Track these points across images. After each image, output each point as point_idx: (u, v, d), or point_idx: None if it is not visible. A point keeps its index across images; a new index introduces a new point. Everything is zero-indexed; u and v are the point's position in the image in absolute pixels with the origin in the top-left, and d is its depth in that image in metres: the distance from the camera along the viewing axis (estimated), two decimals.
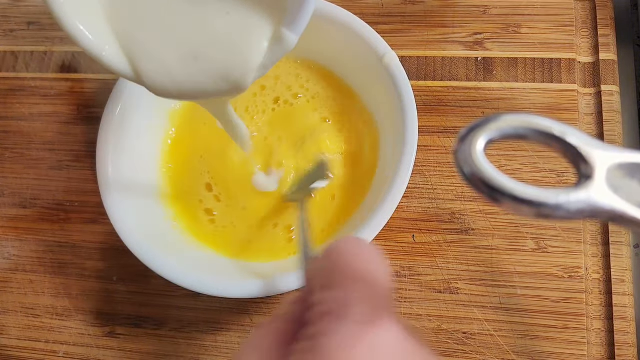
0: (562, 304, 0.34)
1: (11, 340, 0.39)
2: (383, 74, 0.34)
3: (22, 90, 0.44)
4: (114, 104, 0.35)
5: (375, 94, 0.36)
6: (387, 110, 0.34)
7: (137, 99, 0.36)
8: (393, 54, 0.34)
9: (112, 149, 0.35)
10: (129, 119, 0.36)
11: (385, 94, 0.34)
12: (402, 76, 0.33)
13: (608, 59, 0.39)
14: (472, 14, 0.41)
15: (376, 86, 0.35)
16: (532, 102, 0.38)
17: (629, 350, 0.33)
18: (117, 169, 0.34)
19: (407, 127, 0.32)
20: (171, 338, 0.37)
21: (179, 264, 0.32)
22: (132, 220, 0.33)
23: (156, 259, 0.32)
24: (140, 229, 0.33)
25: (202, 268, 0.33)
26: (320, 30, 0.35)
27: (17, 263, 0.40)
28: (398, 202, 0.31)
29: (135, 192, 0.35)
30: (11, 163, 0.42)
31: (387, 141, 0.35)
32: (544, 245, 0.35)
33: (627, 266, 0.35)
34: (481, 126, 0.20)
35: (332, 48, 0.37)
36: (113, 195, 0.34)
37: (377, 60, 0.34)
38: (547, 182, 0.37)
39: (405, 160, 0.32)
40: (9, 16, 0.47)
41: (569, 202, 0.19)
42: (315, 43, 0.36)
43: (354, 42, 0.35)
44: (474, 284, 0.35)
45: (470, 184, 0.20)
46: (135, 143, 0.36)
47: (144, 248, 0.32)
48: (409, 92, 0.33)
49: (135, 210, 0.34)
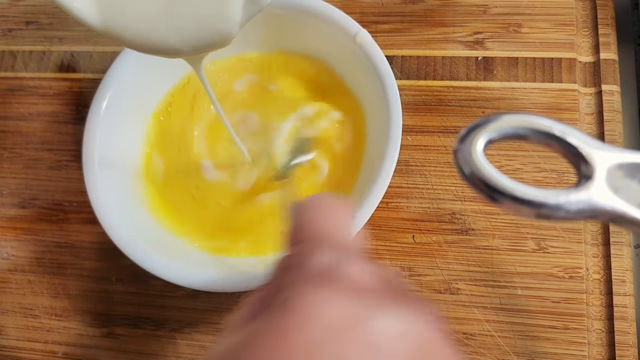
0: (563, 304, 0.34)
1: (10, 340, 0.39)
2: (358, 52, 0.35)
3: (21, 90, 0.44)
4: (100, 99, 0.36)
5: (356, 74, 0.36)
6: (369, 89, 0.35)
7: (124, 93, 0.36)
8: (365, 32, 0.35)
9: (97, 144, 0.35)
10: (115, 114, 0.36)
11: (365, 73, 0.35)
12: (376, 52, 0.34)
13: (609, 58, 0.39)
14: (473, 13, 0.41)
15: (355, 66, 0.36)
16: (532, 102, 0.38)
17: (629, 351, 0.33)
18: (103, 160, 0.35)
19: (390, 102, 0.33)
20: (170, 339, 0.37)
21: (170, 262, 0.33)
22: (119, 219, 0.34)
23: (146, 257, 0.32)
24: (131, 232, 0.34)
25: (188, 262, 0.34)
26: (295, 22, 0.37)
27: (16, 263, 0.40)
28: (389, 180, 0.32)
29: (120, 185, 0.36)
30: (10, 163, 0.42)
31: (373, 120, 0.36)
32: (545, 245, 0.35)
33: (627, 266, 0.35)
34: (481, 126, 0.20)
35: (310, 36, 0.37)
36: (98, 185, 0.34)
37: (350, 40, 0.35)
38: (548, 182, 0.37)
39: (393, 134, 0.32)
40: (8, 15, 0.46)
41: (569, 203, 0.19)
42: (294, 35, 0.38)
43: (327, 27, 0.36)
44: (474, 284, 0.35)
45: (470, 184, 0.20)
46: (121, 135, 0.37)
47: (131, 244, 0.33)
48: (385, 67, 0.34)
49: (120, 206, 0.35)
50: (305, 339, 0.15)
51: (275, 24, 0.37)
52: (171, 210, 0.37)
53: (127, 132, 0.37)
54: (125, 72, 0.36)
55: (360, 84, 0.37)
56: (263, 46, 0.39)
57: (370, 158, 0.35)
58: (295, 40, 0.38)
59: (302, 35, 0.38)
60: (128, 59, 0.36)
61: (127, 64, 0.36)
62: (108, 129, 0.36)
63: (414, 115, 0.39)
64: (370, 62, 0.34)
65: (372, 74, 0.34)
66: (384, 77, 0.34)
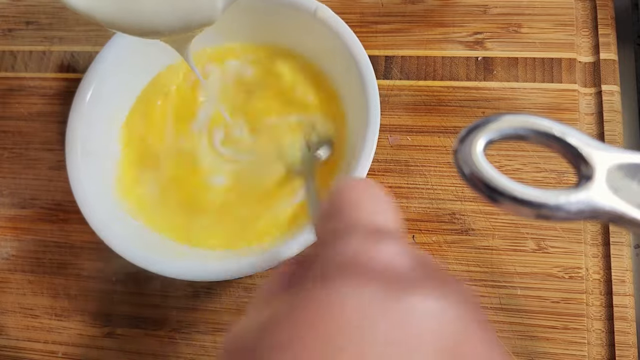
0: (562, 304, 0.34)
1: (10, 340, 0.39)
2: (322, 29, 0.35)
3: (21, 90, 0.44)
4: (84, 90, 0.36)
5: (326, 53, 0.36)
6: (342, 67, 0.35)
7: (106, 84, 0.37)
8: (324, 6, 0.35)
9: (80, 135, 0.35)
10: (99, 106, 0.37)
11: (332, 48, 0.35)
12: (339, 24, 0.34)
13: (608, 58, 0.39)
14: (472, 13, 0.41)
15: (321, 43, 0.36)
16: (532, 102, 0.38)
17: (629, 351, 0.33)
18: (86, 151, 0.35)
19: (362, 70, 0.33)
20: (170, 339, 0.37)
21: (141, 248, 0.33)
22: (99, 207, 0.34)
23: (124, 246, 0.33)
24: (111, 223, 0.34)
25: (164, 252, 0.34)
26: (258, 12, 0.37)
27: (16, 263, 0.40)
28: (372, 156, 0.32)
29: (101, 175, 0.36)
30: (10, 163, 0.42)
31: (350, 100, 0.36)
32: (544, 245, 0.35)
33: (627, 267, 0.35)
34: (481, 127, 0.20)
35: (276, 24, 0.37)
36: (81, 175, 0.34)
37: (312, 17, 0.35)
38: (548, 182, 0.37)
39: (372, 105, 0.32)
40: (8, 15, 0.46)
41: (569, 203, 0.19)
42: (264, 27, 0.38)
43: (286, 10, 0.36)
44: (474, 284, 0.35)
45: (470, 184, 0.20)
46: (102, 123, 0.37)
47: (109, 232, 0.33)
48: (352, 37, 0.34)
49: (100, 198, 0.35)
50: (329, 329, 0.15)
51: (256, 15, 0.37)
52: (145, 200, 0.37)
53: (110, 123, 0.38)
54: (109, 64, 0.36)
55: (333, 64, 0.37)
56: (247, 38, 0.39)
57: (351, 139, 0.35)
58: (269, 30, 0.38)
59: (275, 25, 0.38)
60: (112, 50, 0.37)
61: (111, 55, 0.37)
62: (90, 119, 0.36)
63: (414, 115, 0.39)
64: (335, 34, 0.34)
65: (339, 47, 0.34)
66: (350, 46, 0.33)
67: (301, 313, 0.15)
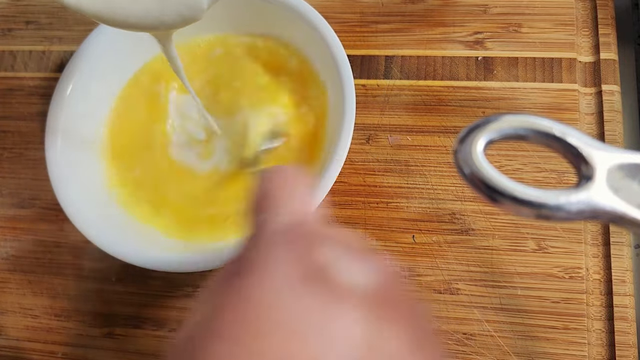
0: (563, 304, 0.34)
1: (9, 340, 0.39)
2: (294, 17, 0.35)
3: (21, 89, 0.44)
4: (64, 84, 0.36)
5: (301, 35, 0.37)
6: (319, 52, 0.35)
7: (89, 75, 0.37)
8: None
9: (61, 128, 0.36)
10: (80, 96, 0.37)
11: (302, 28, 0.35)
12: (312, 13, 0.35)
13: (609, 58, 0.39)
14: (473, 13, 0.41)
15: (293, 26, 0.36)
16: (532, 102, 0.38)
17: (629, 351, 0.33)
18: (65, 146, 0.36)
19: (336, 57, 0.34)
20: (170, 339, 0.37)
21: (125, 240, 0.34)
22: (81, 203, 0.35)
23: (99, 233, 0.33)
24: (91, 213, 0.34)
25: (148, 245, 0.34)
26: (238, 3, 0.37)
27: (15, 263, 0.40)
28: (347, 147, 0.32)
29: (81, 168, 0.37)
30: (9, 163, 0.42)
31: (328, 81, 0.36)
32: (545, 245, 0.35)
33: (627, 267, 0.34)
34: (481, 127, 0.20)
35: (251, 13, 0.38)
36: (61, 173, 0.35)
37: None
38: (548, 182, 0.37)
39: (347, 90, 0.33)
40: (7, 15, 0.46)
41: (569, 203, 0.19)
42: (242, 18, 0.38)
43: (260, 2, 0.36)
44: (474, 284, 0.35)
45: (470, 184, 0.20)
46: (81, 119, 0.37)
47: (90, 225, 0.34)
48: (317, 17, 0.34)
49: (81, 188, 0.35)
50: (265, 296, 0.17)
51: (235, 7, 0.38)
52: (132, 191, 0.37)
53: (92, 114, 0.38)
54: (92, 53, 0.37)
55: (310, 49, 0.37)
56: (224, 29, 0.39)
57: (331, 125, 0.35)
58: (253, 21, 0.39)
59: (259, 15, 0.38)
60: (95, 41, 0.37)
61: (93, 46, 0.37)
62: (72, 110, 0.36)
63: (414, 115, 0.39)
64: (301, 14, 0.35)
65: (308, 27, 0.35)
66: (322, 30, 0.34)
67: (234, 306, 0.17)
